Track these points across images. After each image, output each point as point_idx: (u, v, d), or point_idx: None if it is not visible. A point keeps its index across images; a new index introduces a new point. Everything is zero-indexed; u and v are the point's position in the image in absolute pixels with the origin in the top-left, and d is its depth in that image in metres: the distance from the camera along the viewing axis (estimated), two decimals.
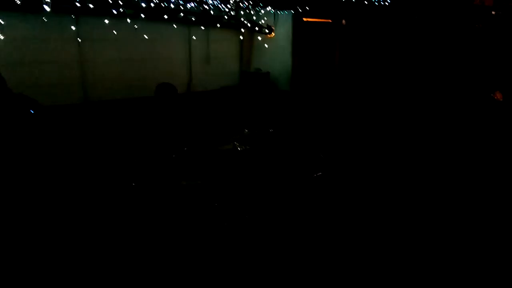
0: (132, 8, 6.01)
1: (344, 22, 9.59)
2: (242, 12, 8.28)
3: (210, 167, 3.95)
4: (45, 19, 5.75)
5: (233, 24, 8.24)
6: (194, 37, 7.95)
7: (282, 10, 8.58)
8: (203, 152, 4.06)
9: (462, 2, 8.83)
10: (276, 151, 4.46)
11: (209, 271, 3.05)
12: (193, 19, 7.31)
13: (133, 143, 4.36)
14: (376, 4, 8.51)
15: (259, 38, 8.91)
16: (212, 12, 7.57)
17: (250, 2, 7.57)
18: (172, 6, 6.74)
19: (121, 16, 5.94)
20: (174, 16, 6.96)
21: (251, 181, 4.01)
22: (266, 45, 8.91)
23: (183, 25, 7.59)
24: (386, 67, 9.42)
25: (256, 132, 4.58)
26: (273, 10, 8.47)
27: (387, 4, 8.60)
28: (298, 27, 8.76)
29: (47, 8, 5.20)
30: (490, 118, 5.87)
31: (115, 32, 6.37)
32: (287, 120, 7.06)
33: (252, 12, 8.34)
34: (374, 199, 4.34)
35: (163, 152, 3.89)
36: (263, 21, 8.74)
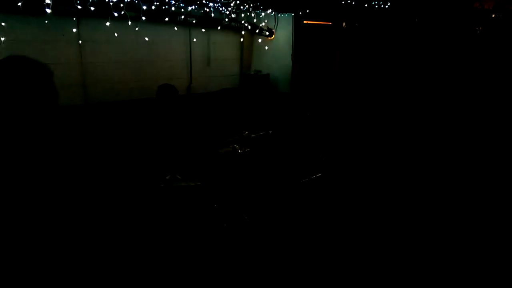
0: (133, 10, 6.04)
1: (344, 25, 9.63)
2: (242, 15, 8.31)
3: (210, 169, 3.97)
4: (46, 22, 5.78)
5: (234, 27, 8.28)
6: (194, 39, 7.98)
7: (283, 13, 8.62)
8: (204, 153, 4.08)
9: (462, 5, 8.86)
10: (276, 153, 4.47)
11: (209, 271, 3.06)
12: (194, 21, 7.35)
13: (134, 144, 4.37)
14: (376, 7, 8.55)
15: (260, 40, 8.95)
16: (212, 15, 7.61)
17: (251, 5, 7.61)
18: (173, 8, 6.77)
19: (122, 19, 5.96)
20: (175, 18, 7.00)
21: (250, 183, 4.02)
22: (266, 48, 8.95)
23: (183, 27, 7.62)
24: (387, 69, 9.44)
25: (256, 133, 4.60)
26: (273, 13, 8.50)
27: (387, 7, 8.64)
28: (298, 30, 8.81)
29: (48, 11, 5.23)
30: (490, 120, 5.88)
31: (116, 34, 6.39)
32: (287, 122, 7.08)
33: (253, 15, 8.37)
34: (374, 200, 4.35)
35: (164, 153, 3.90)
36: (263, 24, 8.78)
